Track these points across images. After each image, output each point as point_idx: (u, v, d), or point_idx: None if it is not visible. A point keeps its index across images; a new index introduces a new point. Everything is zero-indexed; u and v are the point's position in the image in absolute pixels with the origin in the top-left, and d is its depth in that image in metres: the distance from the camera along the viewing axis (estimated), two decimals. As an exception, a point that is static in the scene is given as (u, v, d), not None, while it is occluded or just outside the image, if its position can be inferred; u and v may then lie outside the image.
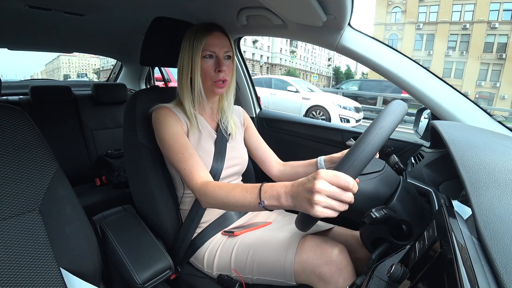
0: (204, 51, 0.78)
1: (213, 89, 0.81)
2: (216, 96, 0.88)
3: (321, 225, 0.86)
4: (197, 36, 0.78)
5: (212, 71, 0.79)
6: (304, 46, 53.81)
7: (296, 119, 1.43)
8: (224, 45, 0.80)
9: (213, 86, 0.80)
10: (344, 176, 0.47)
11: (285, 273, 0.71)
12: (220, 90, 0.82)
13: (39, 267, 0.60)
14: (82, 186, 1.65)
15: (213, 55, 0.79)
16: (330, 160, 0.86)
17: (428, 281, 0.36)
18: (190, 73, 0.80)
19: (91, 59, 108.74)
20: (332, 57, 60.62)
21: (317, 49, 54.70)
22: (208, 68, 0.79)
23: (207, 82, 0.80)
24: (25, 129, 0.63)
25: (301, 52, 55.24)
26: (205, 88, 0.82)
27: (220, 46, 0.79)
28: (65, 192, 0.66)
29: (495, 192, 0.39)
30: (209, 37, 0.78)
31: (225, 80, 0.81)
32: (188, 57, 0.79)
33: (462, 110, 0.82)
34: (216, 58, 0.80)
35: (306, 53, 56.87)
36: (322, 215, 0.48)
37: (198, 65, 0.78)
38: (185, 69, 0.80)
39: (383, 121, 0.53)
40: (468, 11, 21.27)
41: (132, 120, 0.86)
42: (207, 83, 0.81)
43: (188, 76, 0.80)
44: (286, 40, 48.68)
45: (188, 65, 0.79)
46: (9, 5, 1.06)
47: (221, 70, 0.78)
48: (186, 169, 0.72)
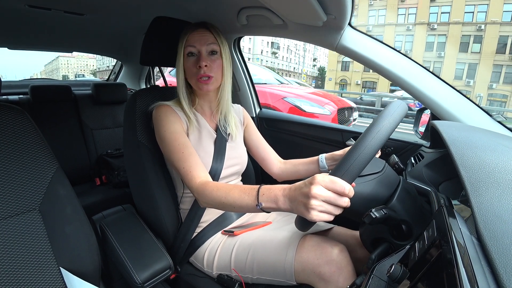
0: (186, 48, 0.79)
1: (198, 86, 0.80)
2: (210, 95, 0.87)
3: (321, 225, 0.86)
4: (182, 35, 0.80)
5: (194, 68, 0.79)
6: (286, 48, 53.74)
7: (296, 119, 1.43)
8: (207, 40, 0.79)
9: (197, 83, 0.80)
10: (340, 181, 0.48)
11: (285, 272, 0.71)
12: (206, 87, 0.80)
13: (39, 267, 0.60)
14: (82, 186, 1.66)
15: (194, 52, 0.79)
16: (332, 158, 0.86)
17: (428, 281, 0.36)
18: (181, 72, 0.82)
19: (89, 60, 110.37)
20: (318, 57, 60.46)
21: (300, 49, 54.47)
22: (190, 65, 0.79)
23: (192, 80, 0.81)
24: (25, 128, 0.63)
25: (284, 53, 55.27)
26: (193, 86, 0.83)
27: (202, 42, 0.78)
28: (65, 192, 0.66)
29: (495, 192, 0.39)
30: (191, 34, 0.79)
31: (209, 76, 0.79)
32: (178, 56, 0.81)
33: (462, 110, 0.82)
34: (198, 54, 0.79)
35: (289, 54, 56.81)
36: (318, 219, 0.48)
37: (181, 63, 0.80)
38: (178, 68, 0.82)
39: (380, 124, 0.52)
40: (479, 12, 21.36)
41: (132, 120, 0.86)
42: (192, 81, 0.81)
43: (181, 76, 0.82)
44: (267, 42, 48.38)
45: (178, 64, 0.81)
46: (9, 4, 1.06)
47: (201, 65, 0.77)
48: (185, 168, 0.72)
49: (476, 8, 21.83)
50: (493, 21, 20.91)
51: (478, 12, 21.56)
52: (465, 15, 22.16)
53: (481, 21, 21.53)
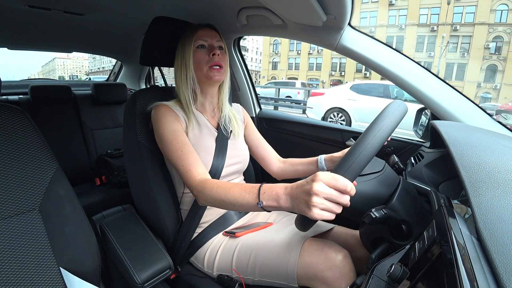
0: (196, 42, 0.81)
1: (209, 75, 0.80)
2: (213, 90, 0.88)
3: (321, 225, 0.86)
4: (187, 33, 0.82)
5: (206, 57, 0.81)
6: (256, 50, 53.95)
7: (296, 119, 1.43)
8: (215, 37, 0.83)
9: (209, 72, 0.80)
10: (342, 179, 0.48)
11: (287, 275, 0.71)
12: (217, 76, 0.81)
13: (39, 267, 0.60)
14: (82, 186, 1.65)
15: (205, 45, 0.82)
16: (331, 159, 0.86)
17: (428, 281, 0.36)
18: (184, 68, 0.82)
19: (84, 61, 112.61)
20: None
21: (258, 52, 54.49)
22: (201, 55, 0.81)
23: (203, 69, 0.81)
24: (25, 129, 0.63)
25: (252, 55, 55.48)
26: (201, 77, 0.83)
27: (212, 37, 0.82)
28: (65, 192, 0.66)
29: (495, 192, 0.39)
30: (200, 30, 0.81)
31: (221, 65, 0.81)
32: (181, 53, 0.82)
33: (462, 110, 0.82)
34: (209, 46, 0.82)
35: (259, 56, 56.90)
36: (319, 217, 0.48)
37: (191, 56, 0.81)
38: (179, 66, 0.83)
39: (381, 122, 0.53)
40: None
41: (132, 120, 0.86)
42: (202, 70, 0.81)
43: (183, 73, 0.82)
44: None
45: (182, 61, 0.82)
46: (9, 4, 1.06)
47: (215, 53, 0.79)
48: (184, 166, 0.72)
49: (430, 11, 22.70)
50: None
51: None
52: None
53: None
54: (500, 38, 21.11)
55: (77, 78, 43.05)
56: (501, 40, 21.15)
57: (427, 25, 23.08)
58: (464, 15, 21.93)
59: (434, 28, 22.69)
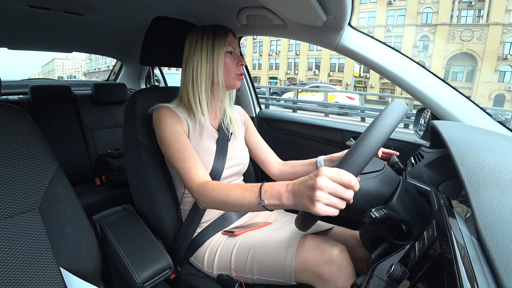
0: (227, 47, 0.82)
1: (235, 82, 0.85)
2: (224, 93, 0.91)
3: (321, 225, 0.86)
4: (217, 34, 0.80)
5: (234, 65, 0.83)
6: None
7: (296, 119, 1.43)
8: (237, 44, 0.87)
9: (235, 80, 0.85)
10: (346, 173, 0.47)
11: (285, 273, 0.71)
12: (239, 83, 0.87)
13: (39, 267, 0.60)
14: (82, 186, 1.66)
15: (234, 52, 0.84)
16: (330, 160, 0.86)
17: (428, 281, 0.36)
18: (211, 70, 0.80)
19: (82, 62, 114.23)
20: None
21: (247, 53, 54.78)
22: (231, 62, 0.83)
23: (230, 75, 0.83)
24: (25, 128, 0.63)
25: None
26: (227, 82, 0.84)
27: (236, 44, 0.86)
28: (65, 192, 0.66)
29: (495, 192, 0.39)
30: (229, 35, 0.83)
31: (243, 74, 0.87)
32: (207, 54, 0.79)
33: (462, 110, 0.82)
34: (236, 54, 0.84)
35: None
36: (323, 212, 0.47)
37: (222, 60, 0.81)
38: (203, 67, 0.80)
39: (384, 120, 0.53)
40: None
41: (132, 120, 0.86)
42: (230, 76, 0.83)
43: (208, 75, 0.80)
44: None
45: (209, 62, 0.80)
46: (9, 4, 1.06)
47: (243, 63, 0.85)
48: (185, 169, 0.72)
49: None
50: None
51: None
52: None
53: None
54: (427, 37, 23.36)
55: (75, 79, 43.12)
56: (427, 39, 23.23)
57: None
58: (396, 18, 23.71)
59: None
